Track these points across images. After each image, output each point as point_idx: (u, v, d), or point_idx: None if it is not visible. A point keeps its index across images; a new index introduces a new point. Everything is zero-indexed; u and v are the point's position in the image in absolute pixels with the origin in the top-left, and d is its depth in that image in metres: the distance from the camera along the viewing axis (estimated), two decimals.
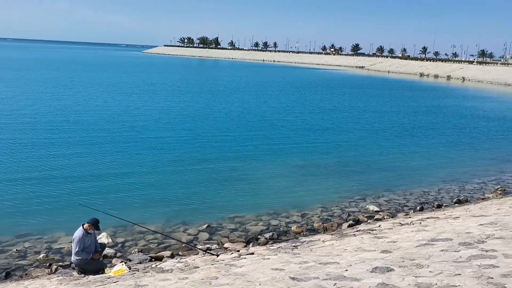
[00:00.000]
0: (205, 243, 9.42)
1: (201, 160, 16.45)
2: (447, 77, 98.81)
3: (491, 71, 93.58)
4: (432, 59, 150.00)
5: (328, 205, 12.08)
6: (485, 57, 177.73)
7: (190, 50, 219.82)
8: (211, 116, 27.31)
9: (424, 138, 23.30)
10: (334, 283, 4.68)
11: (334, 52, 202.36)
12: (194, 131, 22.18)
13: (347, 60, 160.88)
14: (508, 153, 20.26)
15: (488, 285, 3.97)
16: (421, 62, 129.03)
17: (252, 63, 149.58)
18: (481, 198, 13.09)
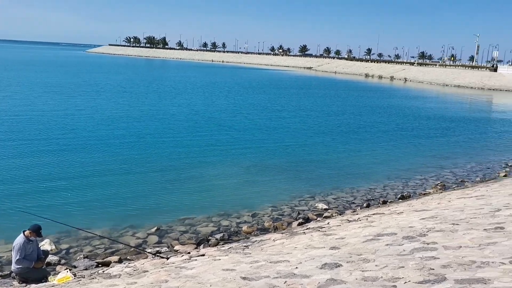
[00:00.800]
0: (154, 247, 9.24)
1: (149, 162, 16.13)
2: (391, 77, 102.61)
3: (430, 72, 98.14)
4: (376, 60, 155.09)
5: (278, 205, 12.20)
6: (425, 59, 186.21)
7: (137, 50, 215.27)
8: (157, 117, 26.85)
9: (369, 137, 24.06)
10: (285, 281, 4.72)
11: (282, 53, 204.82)
12: (141, 132, 21.71)
13: (295, 61, 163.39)
14: (447, 150, 21.32)
15: (430, 276, 4.15)
16: (366, 63, 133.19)
17: (201, 63, 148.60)
18: (423, 193, 13.68)
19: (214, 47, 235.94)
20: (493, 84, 79.11)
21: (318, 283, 4.43)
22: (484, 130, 28.91)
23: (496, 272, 4.02)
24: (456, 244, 5.40)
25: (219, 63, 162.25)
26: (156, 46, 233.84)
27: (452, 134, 26.69)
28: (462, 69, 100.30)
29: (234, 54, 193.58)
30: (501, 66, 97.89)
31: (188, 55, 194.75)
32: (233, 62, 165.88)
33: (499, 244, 5.13)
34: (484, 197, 10.34)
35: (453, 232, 6.23)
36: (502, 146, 23.25)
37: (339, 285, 4.28)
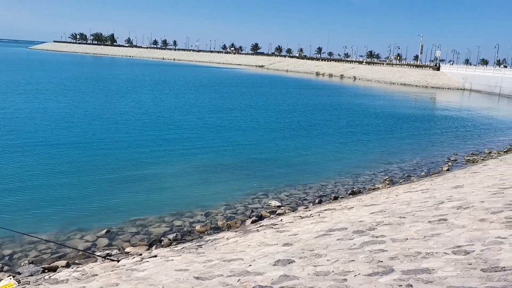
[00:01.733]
0: (104, 249, 8.98)
1: (96, 163, 15.65)
2: (340, 76, 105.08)
3: (378, 71, 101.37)
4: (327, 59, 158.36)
5: (231, 203, 12.18)
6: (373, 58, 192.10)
7: (83, 47, 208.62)
8: (104, 116, 26.07)
9: (320, 135, 24.51)
10: (238, 279, 4.72)
11: (234, 51, 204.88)
12: (87, 133, 20.99)
13: (247, 59, 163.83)
14: (394, 147, 22.09)
15: (378, 268, 4.28)
16: (316, 62, 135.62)
17: (151, 61, 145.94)
18: (372, 188, 14.09)
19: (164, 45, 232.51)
20: (436, 83, 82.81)
21: (271, 280, 4.46)
22: (429, 127, 30.19)
23: (440, 262, 4.20)
24: (403, 237, 5.60)
25: (170, 61, 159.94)
26: (104, 43, 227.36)
27: (399, 130, 27.69)
28: (408, 68, 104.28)
29: (186, 52, 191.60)
30: (443, 65, 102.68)
31: (137, 52, 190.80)
32: (184, 60, 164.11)
33: (442, 235, 5.36)
34: (428, 190, 10.78)
35: (400, 225, 6.45)
36: (445, 142, 24.36)
37: (292, 281, 4.33)
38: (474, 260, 4.10)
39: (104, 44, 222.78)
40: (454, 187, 10.65)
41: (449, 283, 3.54)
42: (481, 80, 76.17)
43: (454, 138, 25.88)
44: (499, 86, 70.25)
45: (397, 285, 3.66)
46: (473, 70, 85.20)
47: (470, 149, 22.25)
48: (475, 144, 24.03)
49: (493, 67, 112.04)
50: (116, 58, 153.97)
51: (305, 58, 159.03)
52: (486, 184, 10.02)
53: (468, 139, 25.76)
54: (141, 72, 79.46)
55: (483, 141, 25.07)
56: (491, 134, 28.25)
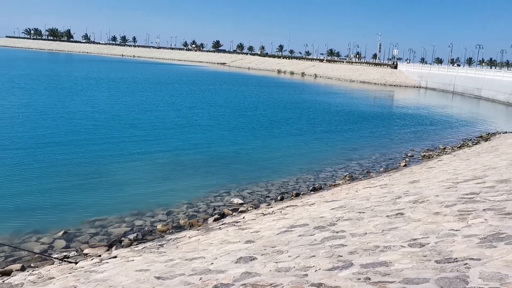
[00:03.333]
0: (62, 251, 8.71)
1: (53, 163, 15.16)
2: (302, 73, 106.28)
3: (338, 69, 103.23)
4: (288, 56, 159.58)
5: (193, 201, 12.10)
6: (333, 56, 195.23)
7: (38, 43, 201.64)
8: (58, 115, 25.24)
9: (281, 132, 24.70)
10: (200, 278, 4.70)
11: (196, 48, 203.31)
12: (40, 132, 20.26)
13: (208, 56, 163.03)
14: (354, 143, 22.55)
15: (338, 262, 4.36)
16: (278, 60, 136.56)
17: (110, 58, 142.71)
18: (333, 184, 14.34)
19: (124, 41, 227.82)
20: (393, 80, 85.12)
21: (233, 277, 4.46)
22: (387, 124, 31.00)
23: (397, 255, 4.32)
24: (362, 231, 5.73)
25: (130, 58, 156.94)
26: (60, 39, 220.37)
27: (359, 128, 28.29)
28: (367, 66, 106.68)
29: (146, 49, 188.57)
30: (401, 64, 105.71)
31: (96, 49, 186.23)
32: (144, 57, 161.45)
33: (399, 229, 5.52)
34: (387, 185, 11.08)
35: (360, 220, 6.59)
36: (402, 138, 25.09)
37: (253, 277, 4.34)
38: (429, 252, 4.24)
39: (60, 40, 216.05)
40: (410, 182, 10.99)
41: (405, 275, 3.65)
42: (436, 78, 78.92)
43: (411, 134, 26.70)
44: (452, 84, 72.99)
45: (356, 279, 3.74)
46: (429, 68, 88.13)
47: (426, 145, 23.01)
48: (430, 140, 24.87)
49: (447, 65, 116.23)
50: (73, 55, 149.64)
51: (267, 55, 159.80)
52: (441, 178, 10.40)
53: (424, 135, 26.64)
54: (99, 68, 77.55)
55: (438, 137, 25.99)
56: (446, 131, 29.33)
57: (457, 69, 79.96)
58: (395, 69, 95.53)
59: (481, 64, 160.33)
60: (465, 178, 9.45)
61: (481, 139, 24.63)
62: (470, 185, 8.24)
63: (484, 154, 15.88)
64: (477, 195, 6.91)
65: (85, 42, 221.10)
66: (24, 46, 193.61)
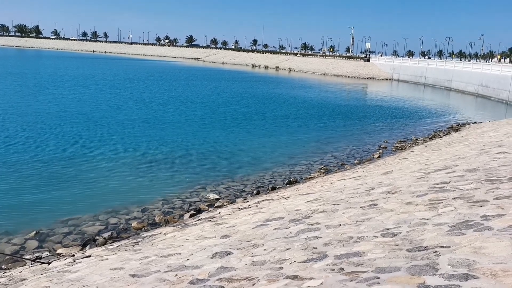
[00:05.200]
0: (34, 252, 8.53)
1: (25, 159, 14.82)
2: (276, 68, 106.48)
3: (312, 63, 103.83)
4: (262, 51, 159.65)
5: (169, 198, 12.00)
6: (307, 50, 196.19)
7: (5, 39, 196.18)
8: (25, 115, 24.66)
9: (256, 127, 24.73)
10: (175, 274, 4.67)
11: (169, 43, 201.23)
12: (12, 128, 19.86)
13: (182, 51, 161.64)
14: (329, 136, 22.76)
15: (313, 254, 4.40)
16: (252, 54, 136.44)
17: (81, 54, 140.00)
18: (308, 177, 14.45)
19: (95, 37, 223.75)
20: (366, 73, 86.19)
21: (209, 273, 4.45)
22: (361, 116, 31.39)
23: (370, 245, 4.39)
24: (337, 223, 5.79)
25: (101, 53, 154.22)
26: (28, 35, 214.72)
27: (334, 120, 28.55)
28: (340, 60, 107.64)
29: (118, 45, 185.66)
30: (373, 57, 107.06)
31: (66, 45, 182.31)
32: (116, 53, 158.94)
33: (372, 219, 5.61)
34: (361, 177, 11.23)
35: (334, 211, 6.67)
36: (376, 130, 25.46)
37: (229, 272, 4.35)
38: (401, 242, 4.33)
39: (28, 36, 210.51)
40: (384, 173, 11.17)
41: (378, 264, 3.71)
42: (408, 71, 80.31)
43: (384, 126, 27.12)
44: (424, 76, 74.41)
45: (330, 270, 3.78)
46: (401, 61, 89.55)
47: (399, 136, 23.41)
48: (403, 131, 25.32)
49: (419, 58, 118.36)
50: (42, 51, 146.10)
51: (241, 50, 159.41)
52: (413, 169, 10.60)
53: (397, 127, 27.10)
54: (67, 65, 75.96)
55: (411, 129, 26.49)
56: (418, 122, 29.90)
57: (428, 62, 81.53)
58: (368, 62, 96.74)
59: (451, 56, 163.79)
60: (436, 168, 9.66)
61: (452, 130, 25.21)
62: (441, 174, 8.43)
63: (455, 144, 16.26)
64: (447, 185, 7.07)
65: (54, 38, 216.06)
66: None
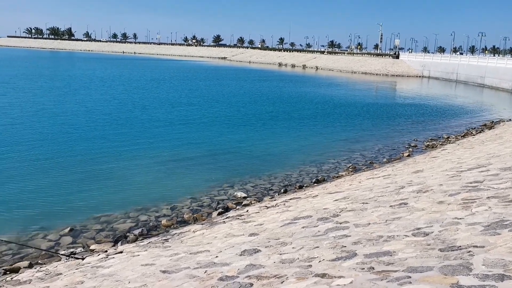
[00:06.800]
0: (68, 248, 8.78)
1: (60, 159, 15.24)
2: (303, 66, 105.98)
3: (339, 60, 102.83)
4: (289, 49, 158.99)
5: (197, 196, 12.13)
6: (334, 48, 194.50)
7: (40, 42, 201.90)
8: (66, 112, 25.42)
9: (284, 125, 24.69)
10: (205, 271, 4.73)
11: (196, 43, 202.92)
12: (46, 128, 20.41)
13: (209, 51, 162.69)
14: (357, 135, 22.52)
15: (342, 253, 4.38)
16: (279, 53, 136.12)
17: (111, 55, 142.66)
18: (336, 176, 14.34)
19: (124, 38, 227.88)
20: (395, 71, 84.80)
21: (237, 270, 4.49)
22: (390, 114, 30.91)
23: (400, 245, 4.34)
24: (366, 222, 5.74)
25: (130, 54, 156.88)
26: (61, 37, 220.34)
27: (362, 119, 28.23)
28: (368, 57, 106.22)
29: (146, 45, 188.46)
30: (402, 53, 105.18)
31: (96, 46, 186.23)
32: (145, 54, 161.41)
33: (403, 218, 5.53)
34: (390, 176, 11.08)
35: (363, 210, 6.61)
36: (406, 129, 25.03)
37: (258, 269, 4.37)
38: (433, 241, 4.26)
39: (61, 39, 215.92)
40: (414, 172, 10.99)
41: (409, 264, 3.66)
42: (439, 67, 78.55)
43: (414, 124, 26.63)
44: (455, 73, 72.65)
45: (360, 268, 3.76)
46: (431, 57, 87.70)
47: (429, 134, 22.96)
48: (434, 129, 24.81)
49: (450, 54, 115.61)
50: (74, 53, 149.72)
51: (268, 49, 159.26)
52: (445, 168, 10.39)
53: (427, 125, 26.57)
54: (97, 66, 77.58)
55: (442, 127, 25.93)
56: (449, 120, 29.23)
57: (460, 58, 79.54)
58: (397, 59, 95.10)
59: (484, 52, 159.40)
60: (469, 166, 9.43)
61: (485, 128, 24.55)
62: (474, 173, 8.23)
63: (488, 142, 15.84)
64: (481, 183, 6.91)
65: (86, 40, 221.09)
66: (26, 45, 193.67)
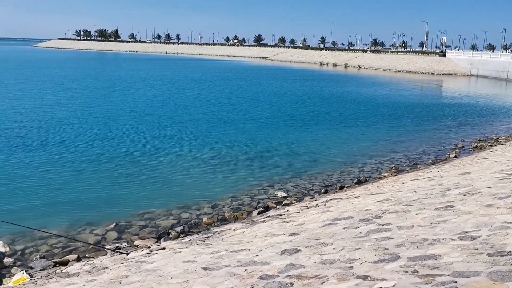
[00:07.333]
0: (113, 243, 9.08)
1: (106, 157, 15.78)
2: (345, 65, 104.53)
3: (383, 59, 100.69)
4: (330, 48, 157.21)
5: (238, 195, 12.24)
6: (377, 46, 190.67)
7: (88, 44, 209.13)
8: (112, 112, 26.24)
9: (325, 125, 24.48)
10: (245, 269, 4.77)
11: (238, 43, 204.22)
12: (92, 128, 21.15)
13: (250, 51, 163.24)
14: (400, 135, 22.02)
15: (384, 255, 4.30)
16: (320, 52, 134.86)
17: (155, 56, 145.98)
18: (378, 177, 14.09)
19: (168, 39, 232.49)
20: (442, 69, 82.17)
21: (278, 269, 4.50)
22: (435, 114, 30.01)
23: (446, 248, 4.21)
24: (409, 224, 5.61)
25: (173, 55, 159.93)
26: (107, 39, 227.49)
27: (406, 119, 27.56)
28: (413, 55, 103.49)
29: (189, 46, 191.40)
30: (449, 51, 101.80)
31: (141, 47, 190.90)
32: (188, 54, 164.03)
33: (449, 221, 5.37)
34: (435, 178, 10.77)
35: (406, 212, 6.46)
36: (452, 129, 24.25)
37: (298, 269, 4.36)
38: (480, 245, 4.11)
39: (108, 40, 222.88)
40: (461, 173, 10.63)
41: (455, 268, 3.55)
42: (488, 66, 75.43)
43: (461, 125, 25.74)
44: (506, 71, 69.56)
45: (403, 271, 3.68)
46: (480, 55, 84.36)
47: (477, 135, 22.13)
48: (483, 130, 23.89)
49: (500, 52, 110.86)
50: (120, 54, 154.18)
51: (309, 48, 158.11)
52: (494, 170, 9.99)
53: (475, 125, 25.61)
54: (140, 67, 79.51)
55: (491, 127, 24.93)
56: (499, 120, 28.06)
57: (511, 55, 76.12)
58: (444, 57, 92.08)
59: None
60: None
61: None
62: None
63: None
64: None
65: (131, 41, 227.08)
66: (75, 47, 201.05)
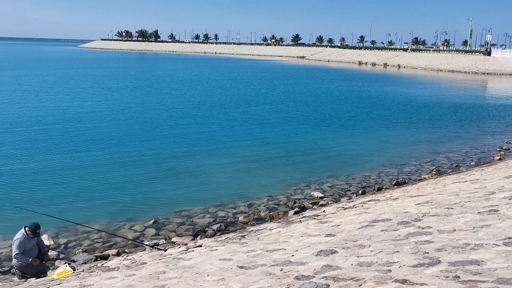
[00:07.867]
0: (152, 239, 9.28)
1: (145, 156, 16.13)
2: (384, 64, 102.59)
3: (424, 58, 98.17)
4: (369, 47, 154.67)
5: (274, 194, 12.24)
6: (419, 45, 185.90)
7: (129, 44, 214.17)
8: (150, 111, 26.80)
9: (363, 125, 24.10)
10: (281, 269, 4.77)
11: (275, 42, 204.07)
12: (134, 127, 21.67)
13: (288, 50, 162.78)
14: (442, 136, 21.41)
15: (424, 259, 4.20)
16: (359, 51, 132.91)
17: (194, 55, 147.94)
18: (418, 179, 13.76)
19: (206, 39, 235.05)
20: (487, 68, 79.29)
21: (314, 270, 4.47)
22: (479, 115, 29.00)
23: (490, 254, 4.07)
24: (451, 228, 5.45)
25: (212, 55, 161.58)
26: (148, 39, 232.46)
27: (447, 119, 26.78)
28: (456, 54, 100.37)
29: (227, 46, 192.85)
30: (495, 50, 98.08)
31: (180, 47, 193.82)
32: (226, 54, 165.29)
33: (493, 226, 5.18)
34: (478, 181, 10.41)
35: (448, 216, 6.28)
36: (496, 130, 23.37)
37: (335, 271, 4.32)
38: None
39: (148, 41, 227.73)
40: (506, 177, 10.22)
41: (499, 275, 3.43)
42: None
43: (507, 126, 24.77)
44: None
45: (444, 276, 3.58)
46: None
47: None
48: None
49: None
50: (160, 54, 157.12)
51: (347, 47, 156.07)
52: None
53: None
54: (179, 67, 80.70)
55: None
56: None
57: None
58: (489, 56, 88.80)
59: None
60: None
61: None
62: None
63: None
64: None
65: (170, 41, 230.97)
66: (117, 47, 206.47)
